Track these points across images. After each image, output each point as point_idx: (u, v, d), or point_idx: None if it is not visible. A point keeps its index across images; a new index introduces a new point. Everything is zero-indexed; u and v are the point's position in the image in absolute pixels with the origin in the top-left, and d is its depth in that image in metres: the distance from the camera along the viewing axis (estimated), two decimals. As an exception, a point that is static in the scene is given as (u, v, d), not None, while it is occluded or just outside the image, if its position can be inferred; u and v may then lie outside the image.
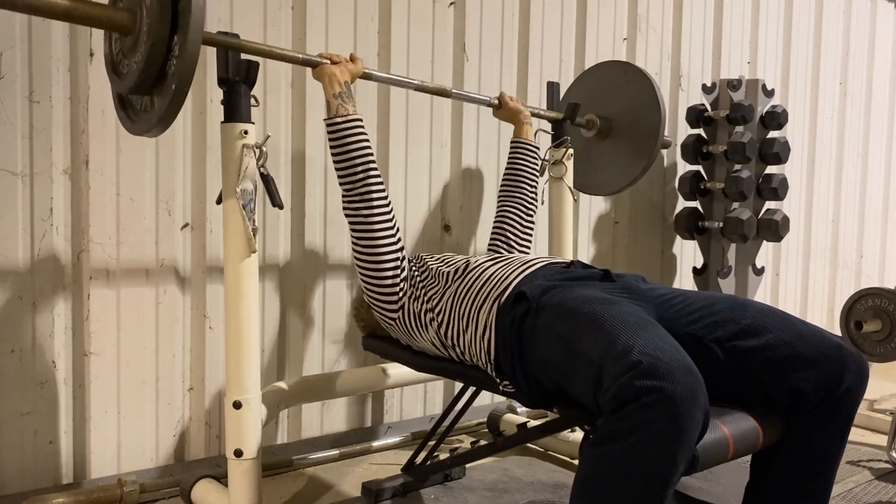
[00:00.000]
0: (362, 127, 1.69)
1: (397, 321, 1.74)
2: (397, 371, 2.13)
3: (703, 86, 3.06)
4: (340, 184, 1.69)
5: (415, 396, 2.53)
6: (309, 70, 2.19)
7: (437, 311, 1.65)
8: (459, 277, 1.65)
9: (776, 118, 3.00)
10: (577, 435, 2.26)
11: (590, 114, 2.47)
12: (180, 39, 1.31)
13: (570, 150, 2.35)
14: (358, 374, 2.16)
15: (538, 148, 2.23)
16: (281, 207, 1.62)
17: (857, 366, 1.39)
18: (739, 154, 2.86)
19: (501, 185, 2.20)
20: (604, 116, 2.47)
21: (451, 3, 2.51)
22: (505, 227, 2.13)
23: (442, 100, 2.50)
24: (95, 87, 1.87)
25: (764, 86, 3.03)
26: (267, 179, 1.61)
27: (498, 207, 2.18)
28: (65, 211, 1.86)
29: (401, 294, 1.72)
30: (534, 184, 2.19)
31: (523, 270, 1.58)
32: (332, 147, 1.68)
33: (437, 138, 2.51)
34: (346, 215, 1.71)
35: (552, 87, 2.36)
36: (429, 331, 1.67)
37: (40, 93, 1.80)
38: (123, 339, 1.95)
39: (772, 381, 1.41)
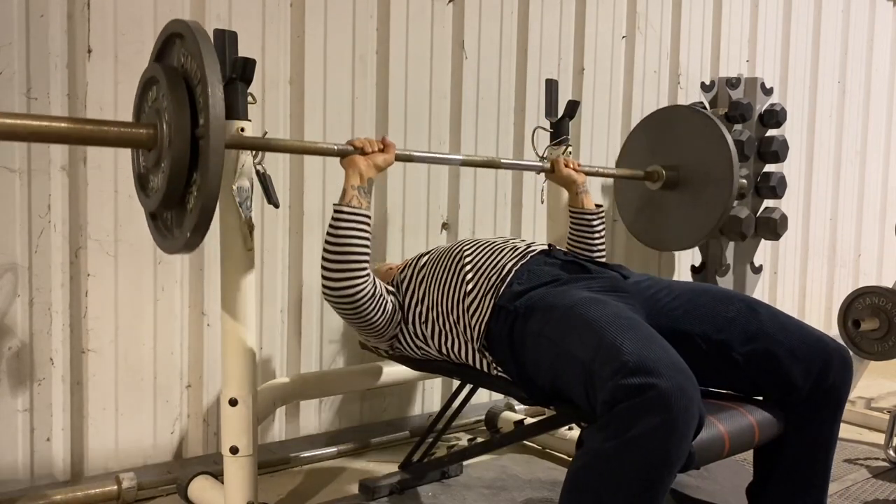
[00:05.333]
0: (368, 225, 1.60)
1: (399, 348, 1.76)
2: (394, 368, 2.13)
3: (702, 84, 3.05)
4: (325, 266, 1.58)
5: (412, 394, 2.53)
6: (308, 69, 2.20)
7: (424, 318, 1.67)
8: (442, 269, 1.68)
9: (775, 116, 3.00)
10: (575, 432, 2.26)
11: (654, 165, 2.37)
12: (202, 146, 1.26)
13: (570, 149, 2.35)
14: (355, 372, 2.16)
15: (600, 213, 2.03)
16: (277, 206, 1.62)
17: (840, 359, 1.42)
18: (738, 152, 2.86)
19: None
20: (669, 166, 2.36)
21: (450, 1, 2.51)
22: None
23: (441, 97, 2.50)
24: (93, 83, 1.87)
25: (763, 84, 3.03)
26: (263, 177, 1.60)
27: None
28: (63, 208, 1.86)
29: (396, 331, 1.72)
30: (601, 253, 2.03)
31: (511, 268, 1.59)
32: (331, 232, 1.58)
33: (435, 135, 2.51)
34: (326, 296, 1.60)
35: (550, 85, 2.35)
36: (428, 343, 1.69)
37: (38, 89, 1.80)
38: (121, 337, 1.95)
39: (757, 374, 1.43)
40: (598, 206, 2.05)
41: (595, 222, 2.01)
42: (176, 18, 1.39)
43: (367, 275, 1.59)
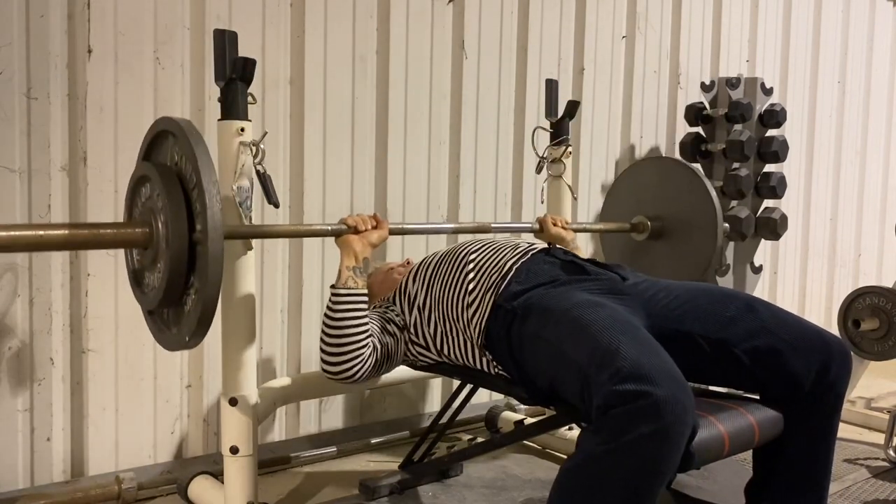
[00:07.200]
0: (365, 305, 1.60)
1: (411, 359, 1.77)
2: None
3: (702, 84, 3.06)
4: (323, 349, 1.59)
5: (413, 393, 2.53)
6: (308, 69, 2.20)
7: (428, 325, 1.68)
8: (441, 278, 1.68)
9: (775, 116, 3.00)
10: (575, 432, 2.26)
11: (638, 216, 2.40)
12: (200, 251, 1.27)
13: (570, 149, 2.35)
14: (356, 372, 2.15)
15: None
16: (277, 206, 1.62)
17: (840, 352, 1.43)
18: (738, 152, 2.86)
19: None
20: (654, 217, 2.38)
21: (450, 1, 2.51)
22: None
23: (441, 98, 2.50)
24: (94, 83, 1.87)
25: (763, 84, 3.03)
26: (263, 177, 1.60)
27: None
28: (63, 208, 1.86)
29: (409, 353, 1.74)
30: None
31: (511, 266, 1.60)
32: (329, 313, 1.58)
33: (435, 136, 2.51)
34: (325, 372, 1.61)
35: (550, 85, 2.36)
36: (430, 348, 1.70)
37: (38, 89, 1.80)
38: (121, 336, 1.95)
39: (761, 370, 1.43)
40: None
41: None
42: (165, 116, 1.41)
43: (365, 348, 1.58)
